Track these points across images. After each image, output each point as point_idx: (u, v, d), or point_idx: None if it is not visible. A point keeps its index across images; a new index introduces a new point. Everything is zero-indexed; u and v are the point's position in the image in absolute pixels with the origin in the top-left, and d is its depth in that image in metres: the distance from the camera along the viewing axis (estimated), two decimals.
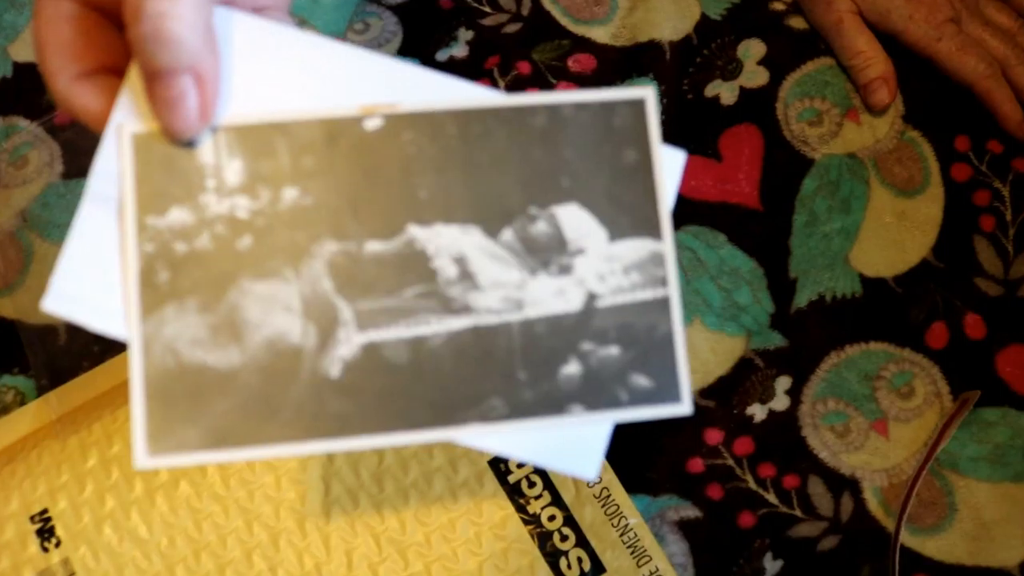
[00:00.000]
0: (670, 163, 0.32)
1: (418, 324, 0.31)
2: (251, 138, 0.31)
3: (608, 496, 0.46)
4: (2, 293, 0.51)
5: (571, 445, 0.31)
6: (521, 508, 0.45)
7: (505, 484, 0.46)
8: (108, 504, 0.45)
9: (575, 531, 0.45)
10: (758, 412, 0.49)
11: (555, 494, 0.46)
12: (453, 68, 0.54)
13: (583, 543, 0.45)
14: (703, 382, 0.49)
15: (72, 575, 0.44)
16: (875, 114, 0.53)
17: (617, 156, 0.32)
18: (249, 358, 0.30)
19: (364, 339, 0.30)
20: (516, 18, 0.55)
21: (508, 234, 0.31)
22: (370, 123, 0.31)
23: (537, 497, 0.46)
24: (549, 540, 0.45)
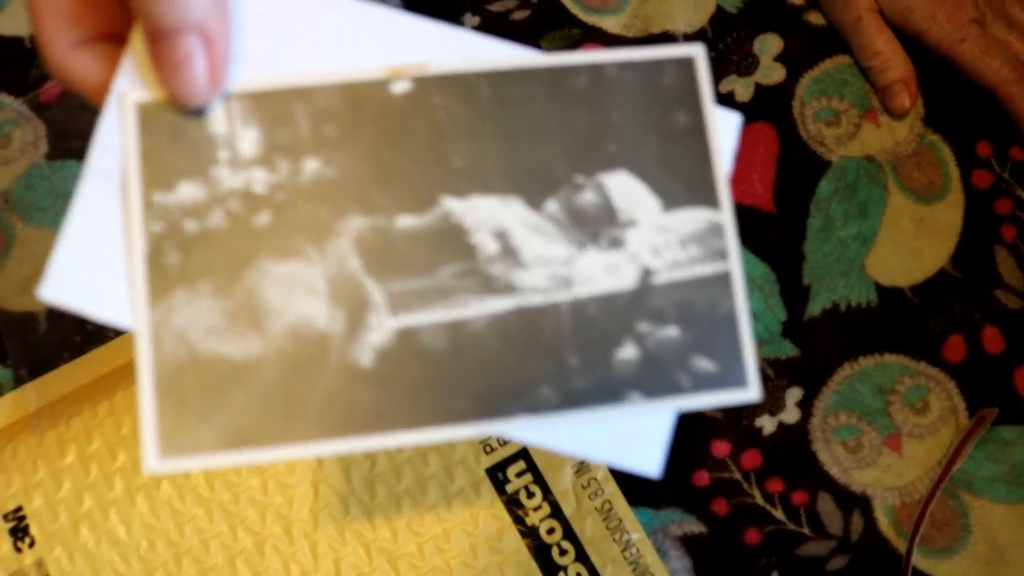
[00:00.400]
0: (725, 125, 0.30)
1: (457, 306, 0.28)
2: (267, 105, 0.28)
3: (610, 509, 0.44)
4: None
5: (630, 437, 0.28)
6: (519, 520, 0.44)
7: (503, 494, 0.44)
8: (86, 503, 0.43)
9: (575, 545, 0.43)
10: (767, 424, 0.47)
11: (555, 506, 0.44)
12: None
13: (583, 558, 0.43)
14: None
15: None
16: (895, 118, 0.51)
17: (667, 119, 0.29)
18: (270, 347, 0.27)
19: (397, 324, 0.28)
20: (524, 5, 0.53)
21: (552, 205, 0.29)
22: (397, 86, 0.29)
23: (536, 508, 0.44)
24: (547, 554, 0.43)
